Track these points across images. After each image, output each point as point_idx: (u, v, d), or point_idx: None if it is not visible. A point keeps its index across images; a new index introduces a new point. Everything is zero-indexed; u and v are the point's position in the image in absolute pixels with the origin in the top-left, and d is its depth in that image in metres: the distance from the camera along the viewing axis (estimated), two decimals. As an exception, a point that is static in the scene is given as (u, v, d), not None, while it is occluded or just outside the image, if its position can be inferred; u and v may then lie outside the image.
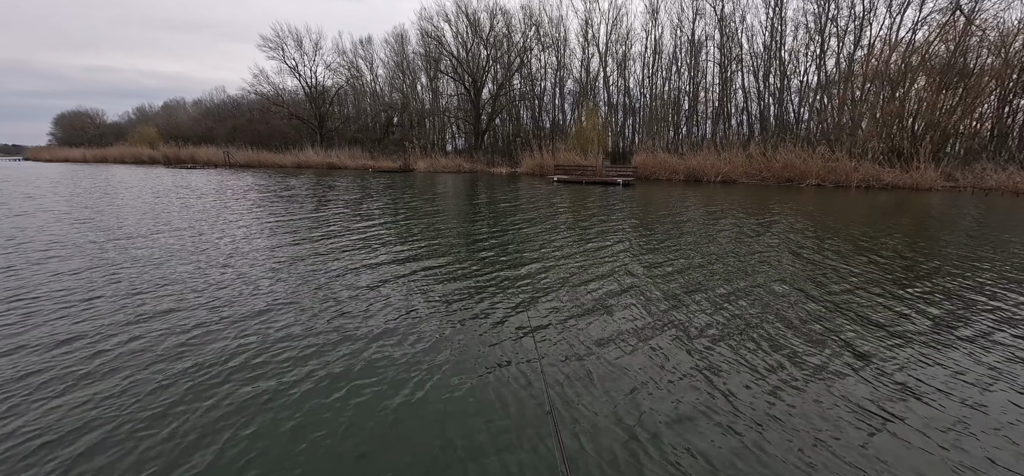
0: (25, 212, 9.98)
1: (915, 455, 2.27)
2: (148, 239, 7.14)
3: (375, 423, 2.51)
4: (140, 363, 3.13)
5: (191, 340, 3.49)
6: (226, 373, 3.01)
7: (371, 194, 14.88)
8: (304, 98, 41.07)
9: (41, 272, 5.26)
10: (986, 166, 18.61)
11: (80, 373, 2.99)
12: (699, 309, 4.23)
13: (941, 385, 2.92)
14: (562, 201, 13.25)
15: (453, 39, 34.75)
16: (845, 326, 3.85)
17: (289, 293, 4.59)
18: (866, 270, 5.65)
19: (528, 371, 3.05)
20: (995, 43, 20.79)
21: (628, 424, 2.48)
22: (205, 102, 54.49)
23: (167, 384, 2.87)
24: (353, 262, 5.87)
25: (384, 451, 2.28)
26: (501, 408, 2.64)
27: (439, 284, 4.97)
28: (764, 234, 8.04)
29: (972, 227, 9.02)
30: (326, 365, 3.12)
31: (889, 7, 24.20)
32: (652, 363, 3.18)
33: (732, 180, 21.30)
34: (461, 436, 2.39)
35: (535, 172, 26.52)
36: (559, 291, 4.73)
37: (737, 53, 29.17)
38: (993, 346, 3.49)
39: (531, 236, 7.74)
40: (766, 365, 3.16)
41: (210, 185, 17.73)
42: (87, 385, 2.85)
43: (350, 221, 9.14)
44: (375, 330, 3.72)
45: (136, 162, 40.83)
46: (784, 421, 2.53)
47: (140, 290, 4.64)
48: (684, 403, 2.69)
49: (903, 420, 2.55)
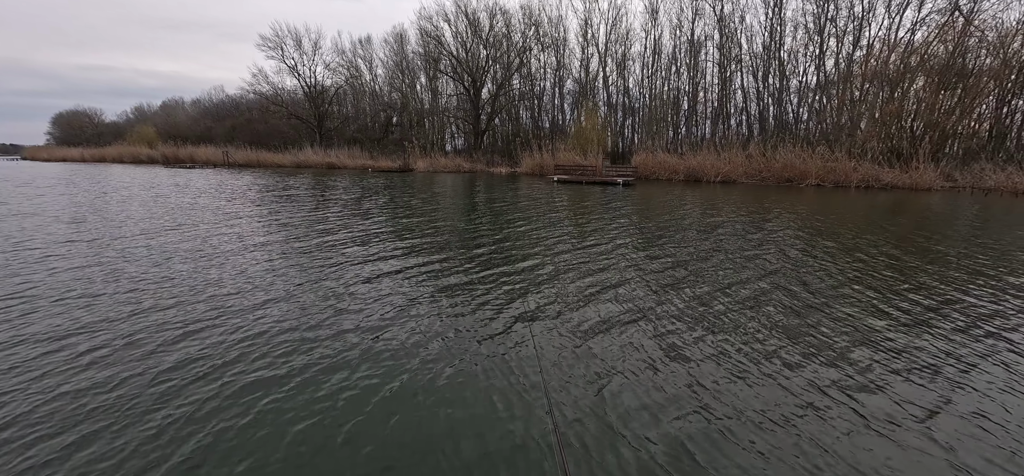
0: (22, 212, 9.93)
1: (914, 455, 2.26)
2: (148, 238, 7.11)
3: (372, 420, 2.49)
4: (138, 359, 3.11)
5: (190, 338, 3.47)
6: (225, 370, 2.99)
7: (370, 194, 14.85)
8: (303, 98, 41.01)
9: (40, 270, 5.23)
10: (985, 166, 18.66)
11: (80, 368, 2.97)
12: (701, 309, 4.22)
13: (942, 384, 2.92)
14: (562, 201, 13.23)
15: (452, 39, 34.73)
16: (844, 327, 3.84)
17: (288, 292, 4.57)
18: (864, 270, 5.64)
19: (527, 370, 3.03)
20: (993, 43, 20.84)
21: (627, 424, 2.47)
22: (204, 102, 54.42)
23: (164, 381, 2.85)
24: (352, 261, 5.84)
25: (380, 449, 2.27)
26: (500, 407, 2.62)
27: (439, 283, 4.95)
28: (764, 234, 8.03)
29: (972, 227, 9.03)
30: (323, 364, 3.11)
31: (888, 7, 24.26)
32: (653, 363, 3.16)
33: (732, 180, 21.31)
34: (459, 435, 2.37)
35: (535, 172, 26.50)
36: (559, 291, 4.72)
37: (736, 53, 29.20)
38: (992, 346, 3.49)
39: (531, 235, 7.72)
40: (766, 367, 3.15)
41: (210, 184, 17.68)
42: (86, 382, 2.83)
43: (349, 220, 9.12)
44: (373, 327, 3.70)
45: (135, 162, 40.71)
46: (785, 423, 2.52)
47: (139, 288, 4.62)
48: (684, 403, 2.68)
49: (903, 421, 2.54)
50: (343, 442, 2.33)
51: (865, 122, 22.83)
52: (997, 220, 10.08)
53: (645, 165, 23.87)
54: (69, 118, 64.76)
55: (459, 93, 36.92)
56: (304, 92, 40.68)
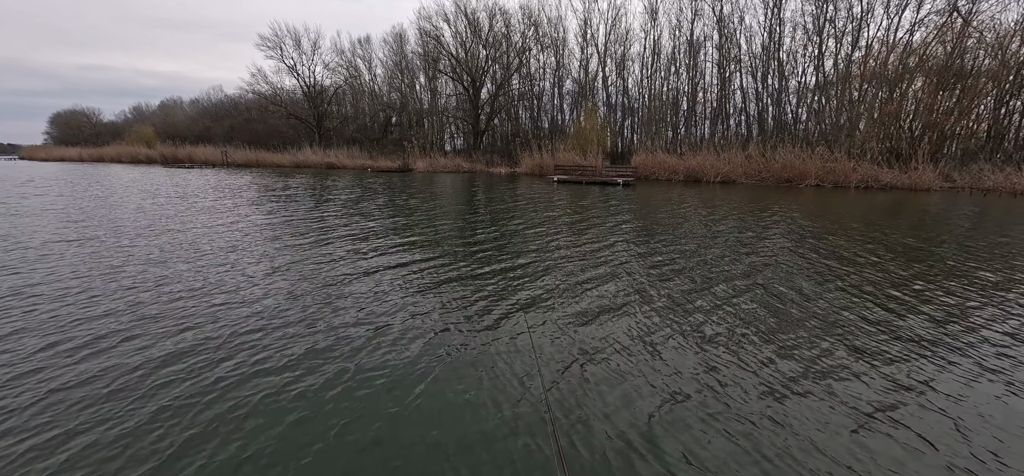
0: (19, 212, 9.89)
1: (913, 455, 2.26)
2: (147, 237, 7.08)
3: (369, 421, 2.48)
4: (135, 356, 3.09)
5: (189, 335, 3.45)
6: (224, 367, 2.98)
7: (370, 194, 14.83)
8: (302, 98, 40.95)
9: (38, 270, 5.20)
10: (983, 167, 18.71)
11: (81, 360, 2.96)
12: (699, 310, 4.21)
13: (939, 385, 2.92)
14: (562, 201, 13.23)
15: (452, 39, 34.72)
16: (842, 327, 3.84)
17: (287, 292, 4.56)
18: (863, 271, 5.65)
19: (525, 372, 3.02)
20: (992, 44, 20.91)
21: (625, 426, 2.46)
22: (202, 101, 54.32)
23: (162, 380, 2.83)
24: (351, 260, 5.83)
25: (378, 450, 2.26)
26: (498, 409, 2.61)
27: (438, 283, 4.94)
28: (763, 235, 8.04)
29: (971, 227, 9.05)
30: (321, 364, 3.09)
31: (887, 8, 24.32)
32: (651, 365, 3.15)
33: (731, 180, 21.33)
34: (457, 437, 2.36)
35: (534, 172, 26.50)
36: (559, 291, 4.71)
37: (735, 54, 29.27)
38: (990, 345, 3.49)
39: (531, 236, 7.71)
40: (763, 366, 3.15)
41: (209, 185, 17.64)
42: (85, 378, 2.81)
43: (349, 220, 9.10)
44: (371, 328, 3.69)
45: (133, 161, 40.58)
46: (781, 422, 2.51)
47: (139, 286, 4.60)
48: (682, 404, 2.67)
49: (903, 422, 2.54)
50: (341, 437, 2.31)
51: (864, 123, 22.88)
52: (995, 220, 10.10)
53: (645, 165, 23.87)
54: (67, 118, 64.58)
55: (458, 93, 36.91)
56: (303, 92, 40.64)
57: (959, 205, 13.16)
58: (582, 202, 12.95)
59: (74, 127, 61.64)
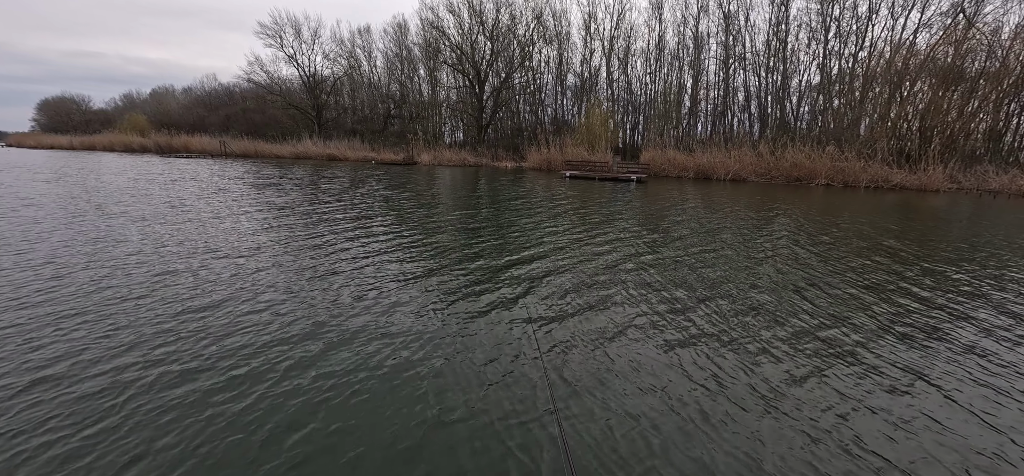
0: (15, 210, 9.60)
1: (911, 456, 2.29)
2: (146, 239, 6.89)
3: (373, 418, 2.45)
4: (134, 353, 3.00)
5: (188, 335, 3.35)
6: (223, 365, 2.94)
7: (375, 187, 14.62)
8: (300, 87, 40.30)
9: (35, 265, 5.03)
10: (987, 169, 18.97)
11: (79, 361, 2.85)
12: (709, 309, 4.19)
13: (939, 384, 2.96)
14: (576, 197, 13.15)
15: (456, 30, 34.32)
16: (850, 328, 3.83)
17: (290, 287, 4.47)
18: (872, 272, 5.65)
19: (532, 368, 3.01)
20: (996, 46, 21.15)
21: (633, 423, 2.47)
22: (195, 90, 53.27)
23: (161, 380, 2.76)
24: (357, 255, 5.75)
25: (382, 447, 2.23)
26: (505, 405, 2.60)
27: (446, 280, 4.86)
28: (773, 235, 8.02)
29: (974, 228, 9.15)
30: (324, 360, 3.06)
31: (892, 9, 24.48)
32: (659, 362, 3.16)
33: (742, 179, 21.39)
34: (463, 433, 2.35)
35: (541, 167, 26.36)
36: (568, 289, 4.66)
37: (740, 51, 29.32)
38: (989, 346, 3.52)
39: (546, 233, 7.58)
40: (771, 365, 3.17)
41: (212, 176, 17.29)
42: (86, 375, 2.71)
43: (354, 214, 8.94)
44: (377, 323, 3.66)
45: (127, 150, 39.72)
46: (784, 422, 2.53)
47: (138, 282, 4.49)
48: (689, 403, 2.68)
49: (905, 421, 2.57)
50: (347, 444, 2.27)
51: (867, 122, 23.07)
52: (1001, 221, 10.22)
53: (654, 162, 23.83)
54: (55, 104, 62.93)
55: (461, 86, 36.57)
56: (302, 82, 39.99)
57: (968, 206, 13.32)
58: (599, 198, 12.89)
59: (63, 114, 60.11)
